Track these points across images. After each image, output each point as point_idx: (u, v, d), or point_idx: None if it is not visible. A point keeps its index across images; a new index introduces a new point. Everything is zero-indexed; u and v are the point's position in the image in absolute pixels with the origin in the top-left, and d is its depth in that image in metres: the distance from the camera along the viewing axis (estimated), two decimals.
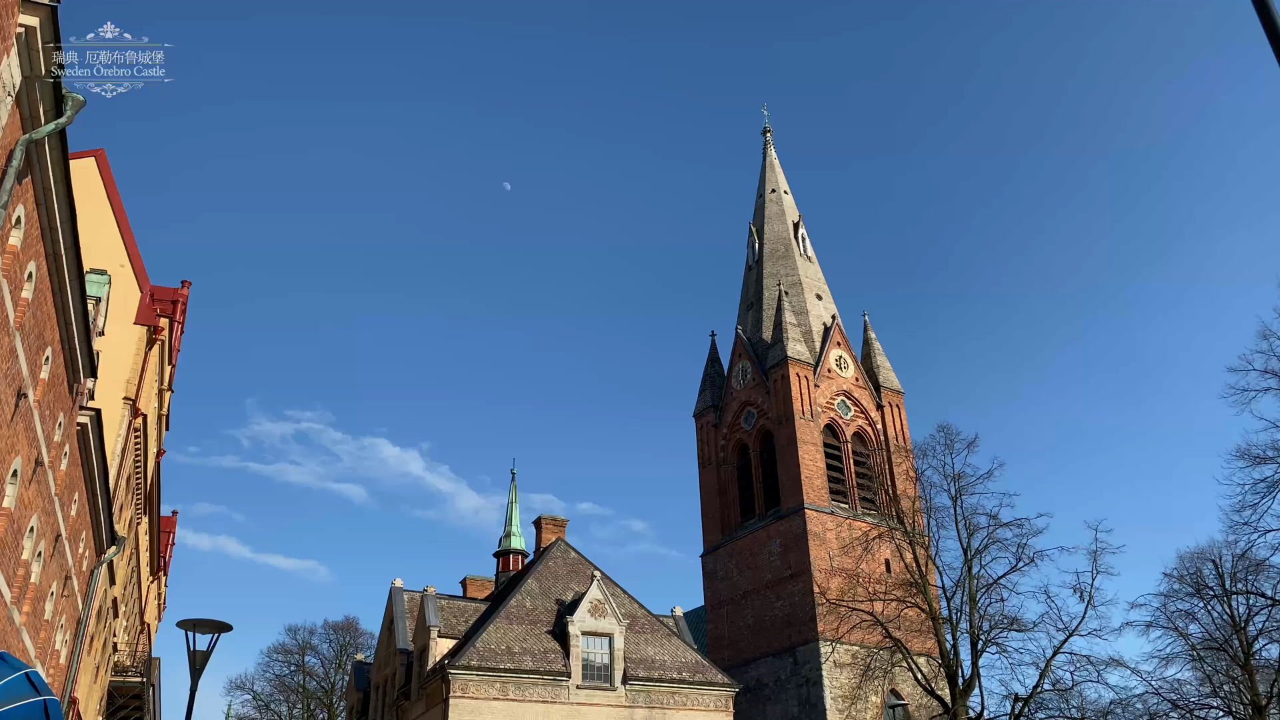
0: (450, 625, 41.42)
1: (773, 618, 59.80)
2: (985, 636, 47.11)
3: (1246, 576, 53.60)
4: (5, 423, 13.25)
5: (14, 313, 12.93)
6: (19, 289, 13.04)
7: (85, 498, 20.83)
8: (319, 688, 74.11)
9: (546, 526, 47.74)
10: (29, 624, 17.30)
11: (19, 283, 12.99)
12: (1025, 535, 47.16)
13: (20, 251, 12.69)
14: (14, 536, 14.96)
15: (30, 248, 13.17)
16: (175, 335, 32.55)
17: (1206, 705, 56.63)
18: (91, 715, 28.71)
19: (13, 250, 12.44)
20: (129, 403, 25.85)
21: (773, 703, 57.93)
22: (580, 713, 37.74)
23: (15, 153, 11.49)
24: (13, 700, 11.38)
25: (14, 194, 11.81)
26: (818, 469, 61.77)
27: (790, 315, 67.01)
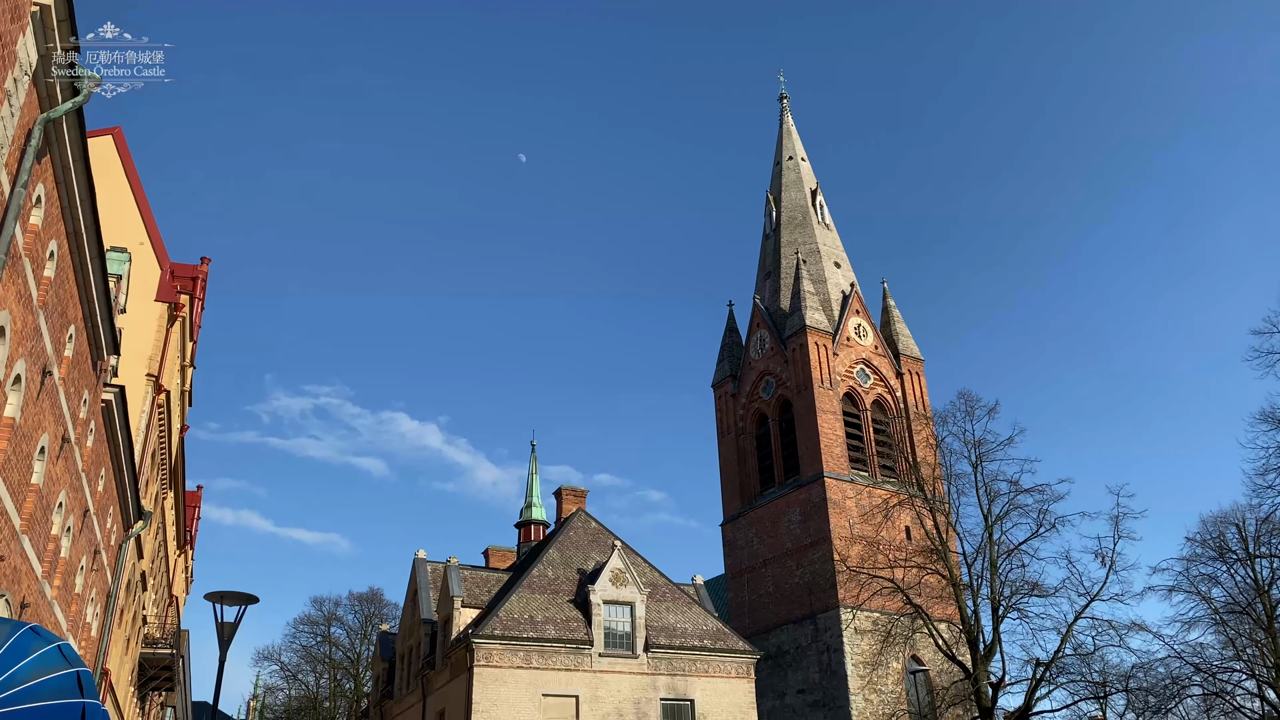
0: (473, 595, 41.84)
1: (793, 585, 60.07)
2: (1006, 602, 47.18)
3: (1270, 539, 53.37)
4: (31, 400, 13.41)
5: (37, 291, 13.06)
6: (41, 267, 13.16)
7: (111, 473, 21.10)
8: (345, 658, 75.18)
9: (567, 497, 48.03)
10: (60, 598, 17.61)
11: (41, 261, 13.11)
12: (1046, 501, 47.07)
13: (42, 230, 12.79)
14: (43, 512, 15.19)
15: (51, 226, 13.27)
16: (196, 312, 32.78)
17: (1229, 668, 56.56)
18: (124, 686, 29.25)
19: (34, 229, 12.54)
20: (152, 379, 26.11)
21: (794, 669, 58.33)
22: (603, 680, 38.13)
23: (34, 132, 11.56)
24: (46, 672, 11.60)
25: (34, 173, 11.89)
26: (837, 437, 61.76)
27: (808, 284, 66.74)
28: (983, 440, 49.39)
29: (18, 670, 11.25)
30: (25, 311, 12.55)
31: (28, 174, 11.30)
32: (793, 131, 79.38)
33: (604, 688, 38.00)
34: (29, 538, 14.35)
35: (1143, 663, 54.52)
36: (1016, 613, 47.24)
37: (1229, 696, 56.84)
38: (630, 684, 38.48)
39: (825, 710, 55.43)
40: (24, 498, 13.94)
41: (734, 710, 39.73)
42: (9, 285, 11.66)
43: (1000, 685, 47.48)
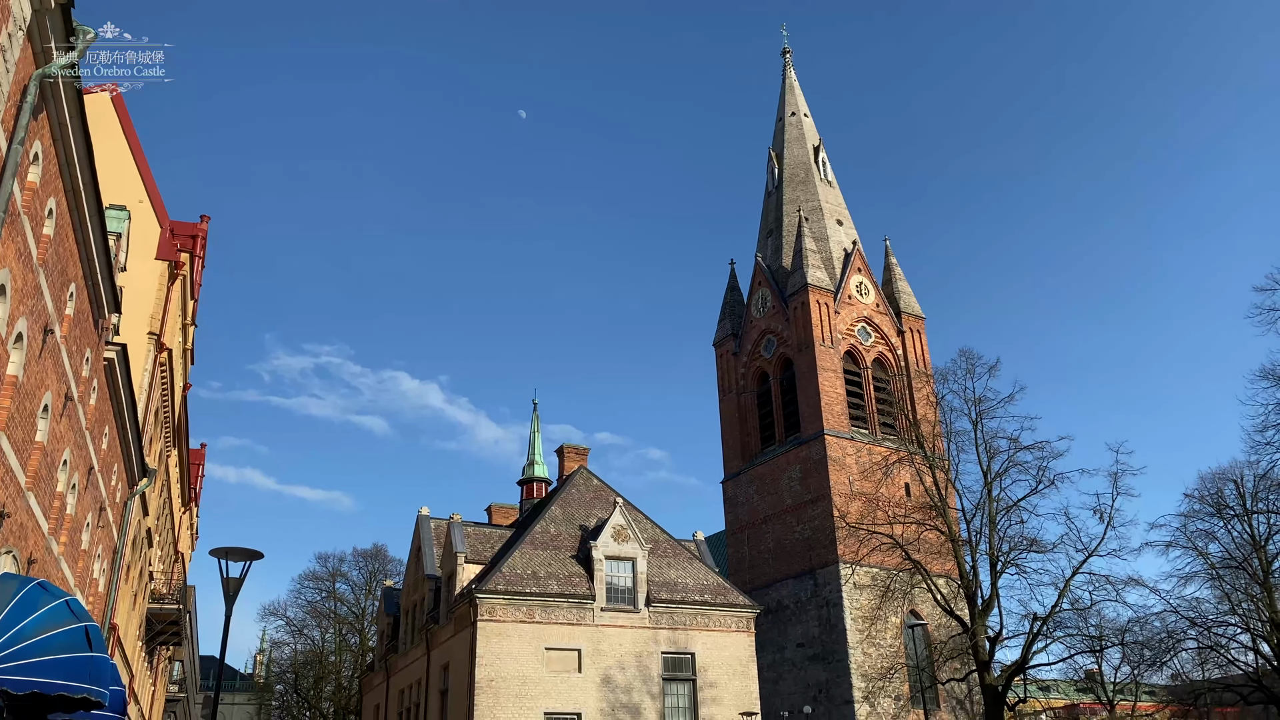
0: (476, 551, 42.22)
1: (793, 541, 60.55)
2: (1004, 558, 47.57)
3: (1268, 496, 53.67)
4: (33, 358, 13.44)
5: (36, 249, 13.03)
6: (40, 225, 13.12)
7: (115, 431, 21.20)
8: (350, 613, 76.01)
9: (569, 455, 48.27)
10: (67, 554, 17.78)
11: (40, 219, 13.07)
12: (1046, 458, 47.29)
13: (39, 188, 12.74)
14: (48, 469, 15.29)
15: (49, 184, 13.21)
16: (196, 270, 32.70)
17: (1224, 623, 57.13)
18: (131, 641, 29.63)
19: (32, 187, 12.48)
20: (154, 338, 26.10)
21: (793, 624, 58.98)
22: (605, 634, 38.59)
23: (29, 88, 11.47)
24: (55, 626, 11.77)
25: (30, 130, 11.82)
26: (838, 395, 61.91)
27: (810, 241, 66.48)
28: (983, 398, 49.50)
29: (27, 624, 11.43)
30: (25, 270, 12.54)
31: (24, 131, 11.22)
32: (795, 87, 78.59)
33: (606, 641, 38.47)
34: (34, 495, 14.46)
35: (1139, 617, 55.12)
36: (1014, 568, 47.66)
37: (1223, 650, 57.43)
38: (632, 638, 38.95)
39: (824, 664, 56.14)
40: (28, 455, 14.02)
41: (734, 663, 40.25)
42: (8, 243, 11.65)
43: (998, 639, 48.03)
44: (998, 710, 47.15)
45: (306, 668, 76.54)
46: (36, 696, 11.97)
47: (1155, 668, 61.10)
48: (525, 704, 36.23)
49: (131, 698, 29.58)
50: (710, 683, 39.41)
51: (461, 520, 44.21)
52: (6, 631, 11.11)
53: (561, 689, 37.09)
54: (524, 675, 36.66)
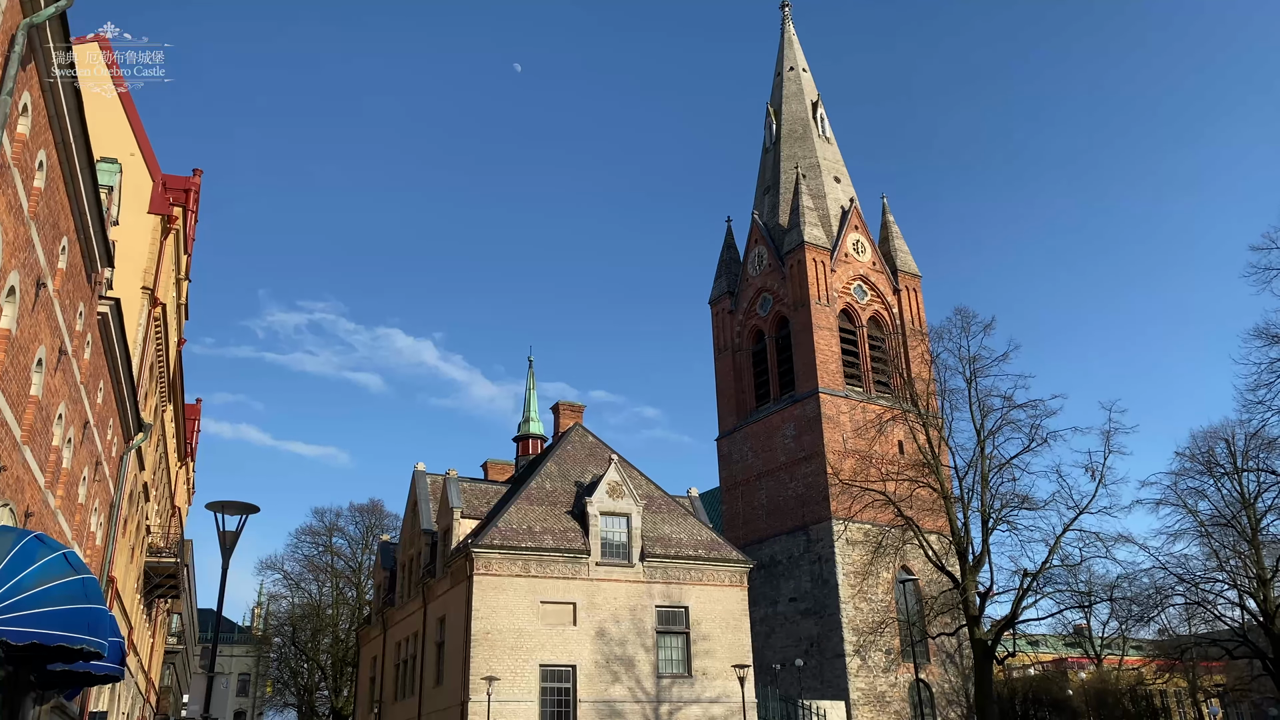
0: (472, 507, 42.46)
1: (786, 498, 60.99)
2: (996, 515, 47.99)
3: (1258, 454, 54.06)
4: (26, 312, 13.39)
5: (28, 202, 12.93)
6: (31, 178, 13.01)
7: (110, 386, 21.19)
8: (346, 567, 76.60)
9: (564, 412, 48.38)
10: (64, 507, 17.85)
11: (30, 171, 12.95)
12: (1039, 416, 47.57)
13: (29, 140, 12.60)
14: (44, 423, 15.30)
15: (39, 136, 13.07)
16: (189, 224, 32.49)
17: (1212, 579, 57.84)
18: (129, 594, 29.87)
19: (21, 139, 12.35)
20: (147, 292, 26.00)
21: (786, 579, 59.60)
22: (600, 588, 38.98)
23: (17, 38, 11.30)
24: (53, 578, 11.85)
25: (19, 80, 11.67)
26: (833, 354, 62.02)
27: (807, 199, 66.17)
28: (978, 356, 49.65)
29: (25, 576, 11.50)
30: (17, 223, 12.45)
31: (12, 81, 11.08)
32: (794, 41, 77.71)
33: (600, 595, 38.86)
34: (30, 448, 14.48)
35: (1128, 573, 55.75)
36: (1006, 525, 48.11)
37: (1210, 606, 58.17)
38: (626, 592, 39.34)
39: (816, 618, 56.82)
40: (23, 409, 14.02)
41: (727, 617, 40.70)
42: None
43: (988, 595, 48.62)
44: (987, 664, 47.85)
45: (304, 620, 77.26)
46: (36, 647, 12.09)
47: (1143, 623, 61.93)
48: (521, 656, 36.68)
49: (131, 649, 29.90)
50: (703, 636, 39.90)
51: (457, 476, 44.41)
52: (5, 583, 11.18)
53: (557, 641, 37.53)
54: (519, 628, 37.07)
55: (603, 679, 37.71)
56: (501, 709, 35.42)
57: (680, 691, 38.83)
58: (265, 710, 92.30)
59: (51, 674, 15.60)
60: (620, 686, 37.89)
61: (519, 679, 36.38)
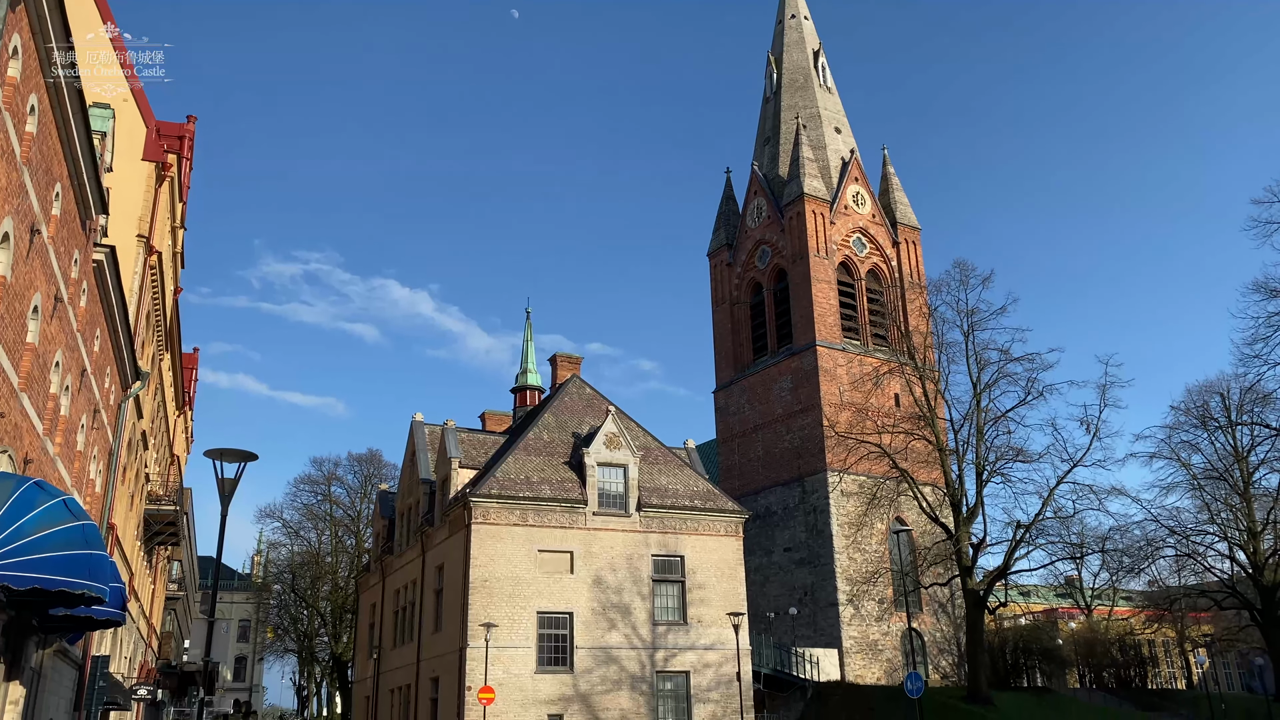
0: (470, 457, 42.69)
1: (782, 450, 61.33)
2: (990, 467, 48.34)
3: (1252, 408, 54.35)
4: (21, 259, 13.32)
5: (20, 147, 12.79)
6: (22, 122, 12.85)
7: (107, 333, 21.15)
8: (345, 516, 77.17)
9: (562, 364, 48.44)
10: (63, 454, 17.91)
11: (22, 116, 12.79)
12: (1035, 370, 47.78)
13: (20, 83, 12.43)
14: (41, 371, 15.29)
15: (30, 79, 12.90)
16: (184, 172, 32.20)
17: (1203, 531, 58.46)
18: (130, 541, 30.10)
19: (12, 82, 12.19)
20: (143, 240, 25.84)
21: (781, 529, 60.15)
22: (596, 537, 39.35)
23: None
24: (53, 524, 11.93)
25: (8, 22, 11.49)
26: (831, 306, 61.98)
27: (808, 150, 65.63)
28: (976, 309, 49.70)
29: (25, 522, 11.58)
30: (9, 168, 12.33)
31: (1, 24, 10.91)
32: None
33: (597, 544, 39.25)
34: (28, 395, 14.49)
35: (1120, 526, 56.38)
36: (1000, 477, 48.51)
37: (1200, 558, 58.85)
38: (623, 541, 39.72)
39: (810, 567, 57.44)
40: (20, 356, 14.01)
41: (722, 566, 41.15)
42: None
43: (981, 546, 49.17)
44: (979, 614, 48.54)
45: (303, 568, 78.01)
46: (37, 592, 12.22)
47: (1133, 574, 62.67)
48: (519, 603, 37.13)
49: (132, 595, 30.21)
50: (699, 584, 40.37)
51: (455, 426, 44.58)
52: (6, 529, 11.25)
53: (554, 589, 37.97)
54: (517, 576, 37.47)
55: (599, 625, 38.22)
56: (500, 654, 35.94)
57: (675, 638, 39.38)
58: (266, 656, 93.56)
59: (54, 618, 15.80)
60: (617, 633, 38.42)
61: (517, 625, 36.87)
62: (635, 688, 38.12)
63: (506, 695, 35.68)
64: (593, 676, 37.58)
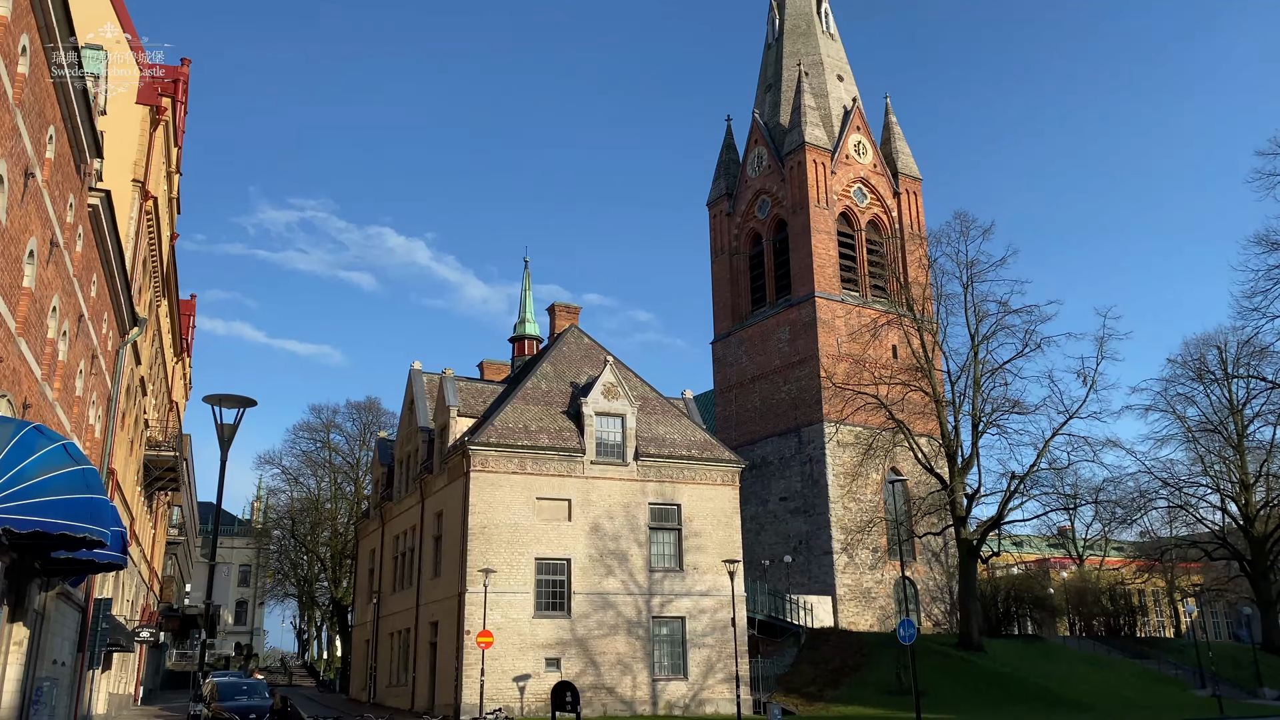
0: (469, 405, 42.79)
1: (779, 400, 61.53)
2: (986, 418, 48.56)
3: (1249, 361, 54.52)
4: (15, 203, 13.21)
5: (11, 89, 12.62)
6: (14, 63, 12.67)
7: (104, 279, 21.06)
8: (344, 463, 77.54)
9: (560, 314, 48.33)
10: (61, 399, 17.94)
11: (14, 57, 12.60)
12: (1034, 321, 47.83)
13: (11, 23, 12.23)
14: (38, 316, 15.25)
15: (21, 19, 12.69)
16: (179, 116, 31.84)
17: (1196, 483, 58.95)
18: (130, 486, 30.29)
19: (3, 22, 11.99)
20: (138, 185, 25.62)
21: (777, 479, 60.57)
22: (594, 485, 39.61)
23: None
24: (53, 469, 11.98)
25: None
26: (830, 257, 61.79)
27: (809, 98, 64.93)
28: (975, 261, 49.59)
29: (26, 466, 11.62)
30: (1, 110, 12.19)
31: None
32: None
33: (595, 492, 39.52)
34: (25, 340, 14.46)
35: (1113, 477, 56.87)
36: (996, 429, 48.78)
37: (1192, 509, 59.41)
38: (620, 489, 39.99)
39: (805, 516, 57.97)
40: (17, 301, 13.96)
41: (718, 514, 41.48)
42: None
43: (975, 496, 49.58)
44: (972, 563, 49.11)
45: (303, 514, 78.57)
46: (39, 535, 12.30)
47: (1125, 525, 63.29)
48: (517, 550, 37.50)
49: (133, 539, 30.46)
50: (695, 532, 40.72)
51: (454, 375, 44.63)
52: (6, 472, 11.30)
53: (552, 536, 38.31)
54: (516, 523, 37.79)
55: (597, 572, 38.63)
56: (498, 600, 36.37)
57: (672, 585, 39.83)
58: (266, 600, 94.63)
59: (56, 561, 15.94)
60: (614, 579, 38.85)
61: (515, 571, 37.26)
62: (632, 632, 38.65)
63: (505, 639, 36.17)
64: (590, 621, 38.08)
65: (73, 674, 23.06)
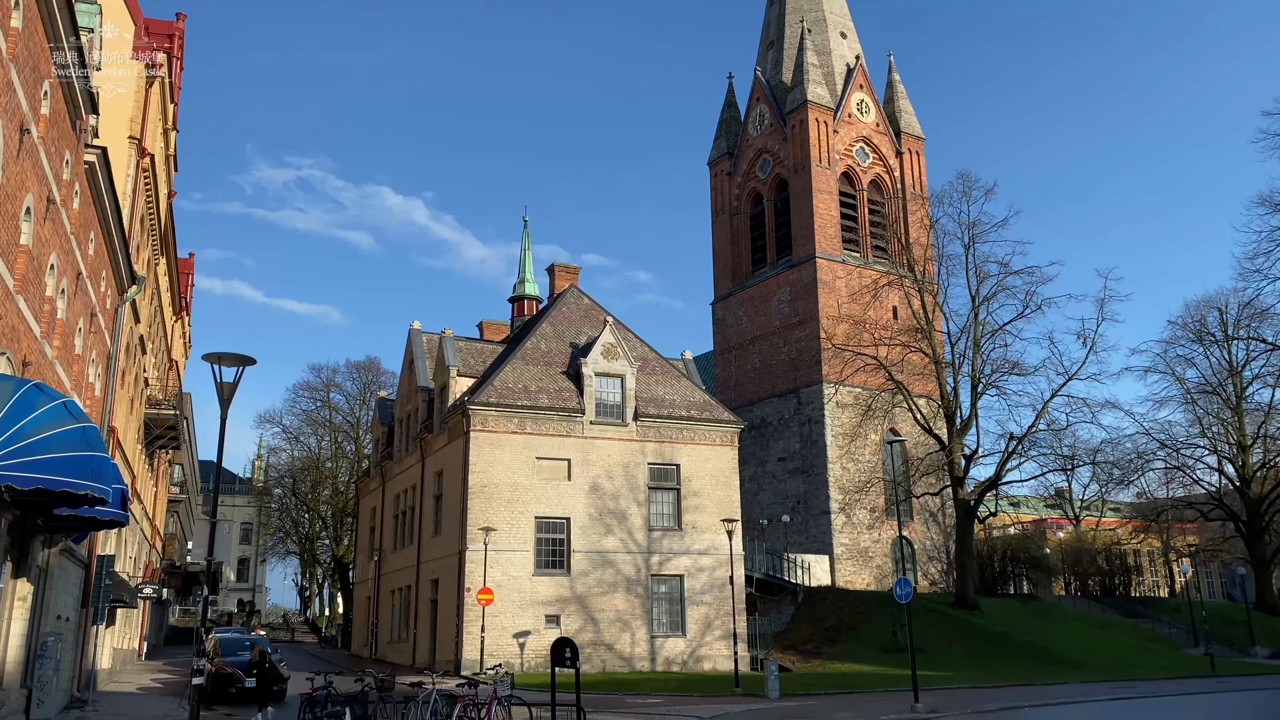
0: (469, 365, 42.82)
1: (779, 361, 61.57)
2: (986, 380, 48.64)
3: (1250, 323, 54.54)
4: (11, 159, 13.10)
5: (5, 43, 12.46)
6: (7, 16, 12.50)
7: (101, 236, 20.95)
8: (345, 422, 77.73)
9: (559, 273, 48.20)
10: (61, 357, 17.93)
11: (6, 9, 12.43)
12: (1035, 283, 47.77)
13: None
14: (36, 274, 15.18)
15: None
16: (175, 72, 31.49)
17: (1193, 445, 59.17)
18: (131, 444, 30.38)
19: None
20: (134, 141, 25.40)
21: (775, 439, 60.78)
22: (594, 445, 39.76)
23: None
24: (54, 426, 11.99)
25: None
26: (831, 218, 61.50)
27: (812, 55, 64.22)
28: (977, 222, 49.42)
29: (26, 424, 11.63)
30: None
31: None
32: None
33: (595, 452, 39.69)
34: (23, 298, 14.42)
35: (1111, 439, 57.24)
36: (995, 390, 48.88)
37: (1189, 470, 59.71)
38: (620, 449, 40.15)
39: (804, 477, 58.25)
40: (14, 258, 13.90)
41: (717, 474, 41.69)
42: None
43: (973, 457, 49.81)
44: (969, 523, 49.44)
45: (304, 473, 78.89)
46: (41, 492, 12.34)
47: (1123, 486, 63.65)
48: (517, 508, 37.74)
49: (134, 497, 30.62)
50: (694, 492, 40.95)
51: (454, 335, 44.62)
52: (7, 430, 11.30)
53: (552, 495, 38.54)
54: (515, 482, 37.99)
55: (596, 530, 38.91)
56: (498, 557, 36.65)
57: (671, 543, 40.13)
58: (268, 557, 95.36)
59: (58, 518, 16.03)
60: (613, 538, 39.13)
61: (515, 530, 37.53)
62: (630, 590, 39.00)
63: (505, 596, 36.51)
64: (589, 579, 38.42)
65: (77, 629, 23.30)
